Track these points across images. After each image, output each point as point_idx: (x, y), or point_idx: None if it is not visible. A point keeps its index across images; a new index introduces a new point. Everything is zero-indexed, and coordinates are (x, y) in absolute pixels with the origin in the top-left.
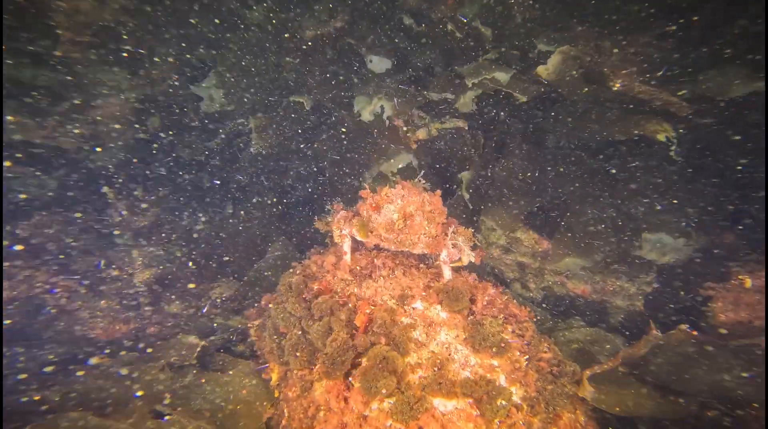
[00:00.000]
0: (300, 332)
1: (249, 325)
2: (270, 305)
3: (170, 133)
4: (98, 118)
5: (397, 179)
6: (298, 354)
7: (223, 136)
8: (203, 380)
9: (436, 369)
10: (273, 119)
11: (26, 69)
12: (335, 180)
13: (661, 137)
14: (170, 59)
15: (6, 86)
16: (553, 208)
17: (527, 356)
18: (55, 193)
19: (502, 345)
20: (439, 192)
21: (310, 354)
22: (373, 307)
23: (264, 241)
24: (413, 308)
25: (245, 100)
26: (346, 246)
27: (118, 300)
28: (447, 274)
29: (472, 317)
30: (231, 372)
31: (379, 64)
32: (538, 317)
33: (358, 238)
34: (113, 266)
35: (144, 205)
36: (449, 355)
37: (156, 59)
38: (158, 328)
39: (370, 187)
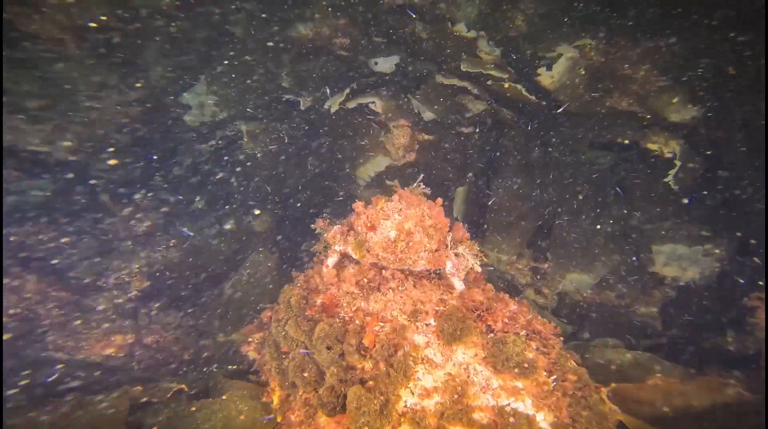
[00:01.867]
0: (304, 351)
1: (249, 339)
2: (272, 321)
3: (164, 138)
4: (93, 121)
5: (395, 185)
6: (305, 374)
7: (214, 141)
8: (194, 408)
9: (455, 395)
10: (267, 124)
11: (19, 71)
12: (325, 187)
13: (653, 147)
14: (161, 67)
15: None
16: (554, 221)
17: (554, 376)
18: (51, 198)
19: (527, 365)
20: (440, 201)
21: (317, 374)
22: (381, 325)
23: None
24: (426, 325)
25: (237, 105)
26: (330, 260)
27: (114, 309)
28: (458, 285)
29: (492, 335)
30: (225, 396)
31: (384, 64)
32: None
33: (354, 257)
34: (110, 273)
35: (142, 211)
36: (468, 377)
37: (148, 66)
38: (156, 337)
39: (362, 198)
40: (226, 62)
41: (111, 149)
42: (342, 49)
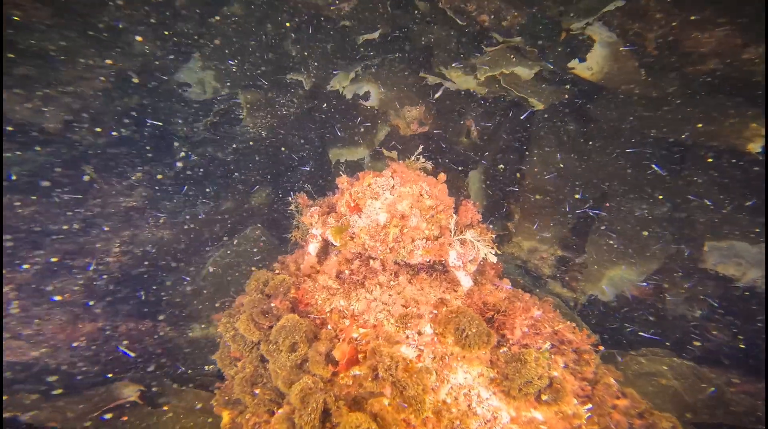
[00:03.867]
0: (258, 361)
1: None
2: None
3: (160, 112)
4: (83, 93)
5: (390, 156)
6: (257, 391)
7: (211, 116)
8: (125, 417)
9: None
10: (266, 97)
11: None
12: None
13: (754, 148)
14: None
15: None
16: (597, 205)
17: (590, 405)
18: (37, 171)
19: (557, 388)
20: (443, 176)
21: (273, 393)
22: (363, 331)
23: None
24: (419, 333)
25: (238, 80)
26: (312, 248)
27: (86, 293)
28: (465, 281)
29: (505, 349)
30: (166, 408)
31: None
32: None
33: (335, 244)
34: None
35: (132, 186)
36: (469, 406)
37: (137, 36)
38: (132, 326)
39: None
40: (223, 32)
41: (102, 121)
42: (345, 18)
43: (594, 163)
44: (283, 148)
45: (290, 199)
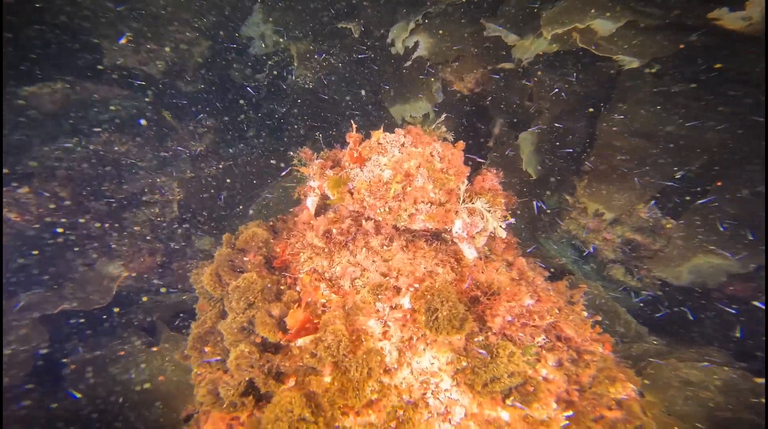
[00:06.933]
0: (217, 317)
1: None
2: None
3: (224, 64)
4: (178, 47)
5: (411, 122)
6: (207, 349)
7: (267, 69)
8: (122, 352)
9: (393, 423)
10: (318, 48)
11: None
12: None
13: None
14: None
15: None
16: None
17: (570, 412)
18: (134, 114)
19: (529, 388)
20: (461, 144)
21: (224, 353)
22: (332, 298)
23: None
24: (392, 307)
25: (295, 31)
26: (310, 202)
27: (151, 229)
28: (469, 253)
29: (481, 338)
30: (155, 348)
31: None
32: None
33: (331, 197)
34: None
35: (200, 131)
36: (422, 395)
37: None
38: (183, 264)
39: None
40: None
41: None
42: None
43: (705, 126)
44: (331, 98)
45: (291, 153)
